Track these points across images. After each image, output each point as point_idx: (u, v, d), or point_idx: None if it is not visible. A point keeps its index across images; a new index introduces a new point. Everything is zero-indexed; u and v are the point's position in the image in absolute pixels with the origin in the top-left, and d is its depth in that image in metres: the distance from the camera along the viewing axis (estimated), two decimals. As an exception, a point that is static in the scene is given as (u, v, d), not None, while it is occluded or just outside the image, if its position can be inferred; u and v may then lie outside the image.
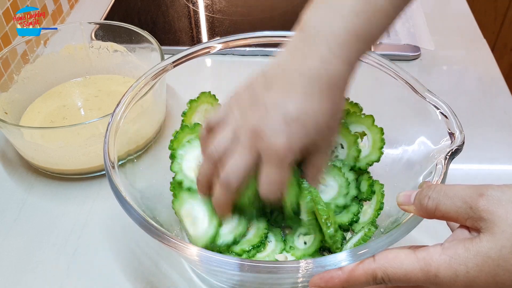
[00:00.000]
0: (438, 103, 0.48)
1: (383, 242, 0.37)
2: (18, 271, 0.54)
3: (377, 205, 0.51)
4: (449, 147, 0.44)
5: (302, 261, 0.36)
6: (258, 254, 0.48)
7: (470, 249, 0.32)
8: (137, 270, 0.54)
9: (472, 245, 0.32)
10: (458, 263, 0.32)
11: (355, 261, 0.36)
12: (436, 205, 0.35)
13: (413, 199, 0.37)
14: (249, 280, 0.45)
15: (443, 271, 0.33)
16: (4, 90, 0.67)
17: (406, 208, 0.38)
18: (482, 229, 0.32)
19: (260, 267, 0.36)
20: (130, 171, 0.50)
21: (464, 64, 0.82)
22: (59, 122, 0.68)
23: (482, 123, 0.70)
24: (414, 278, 0.34)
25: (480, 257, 0.32)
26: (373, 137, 0.53)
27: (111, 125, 0.48)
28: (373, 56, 0.54)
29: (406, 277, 0.34)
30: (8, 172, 0.65)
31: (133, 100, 0.52)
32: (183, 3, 0.97)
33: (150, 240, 0.56)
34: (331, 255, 0.37)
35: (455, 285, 0.33)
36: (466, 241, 0.33)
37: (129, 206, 0.41)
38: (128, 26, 0.72)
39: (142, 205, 0.45)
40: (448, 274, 0.32)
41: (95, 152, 0.61)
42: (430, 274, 0.33)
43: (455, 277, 0.32)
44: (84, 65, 0.76)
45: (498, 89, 0.77)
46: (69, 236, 0.57)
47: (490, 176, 0.63)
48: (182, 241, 0.38)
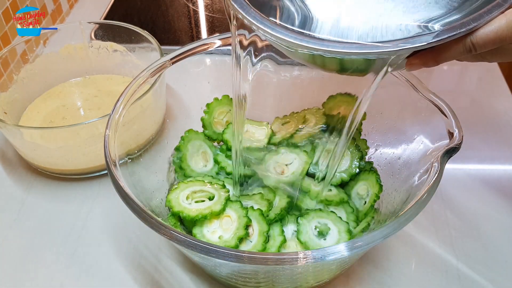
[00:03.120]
0: (438, 102, 0.48)
1: (379, 234, 0.38)
2: (18, 271, 0.54)
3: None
4: (446, 146, 0.44)
5: (300, 252, 0.37)
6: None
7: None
8: (137, 269, 0.53)
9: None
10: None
11: (352, 253, 0.37)
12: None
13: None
14: (249, 271, 0.45)
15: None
16: (4, 90, 0.67)
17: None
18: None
19: (258, 258, 0.37)
20: (131, 170, 0.50)
21: (464, 64, 0.82)
22: (58, 122, 0.68)
23: (482, 123, 0.70)
24: (502, 33, 0.34)
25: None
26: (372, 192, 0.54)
27: (111, 120, 0.48)
28: None
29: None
30: (7, 172, 0.65)
31: (133, 97, 0.52)
32: (183, 3, 0.97)
33: (151, 239, 0.56)
34: (329, 247, 0.38)
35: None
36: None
37: (130, 201, 0.41)
38: (128, 25, 0.72)
39: (144, 203, 0.45)
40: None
41: (95, 152, 0.61)
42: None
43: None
44: (84, 65, 0.76)
45: (498, 89, 0.76)
46: (69, 236, 0.57)
47: (490, 176, 0.63)
48: (183, 234, 0.39)
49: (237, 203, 0.51)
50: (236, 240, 0.48)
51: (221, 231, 0.49)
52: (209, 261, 0.45)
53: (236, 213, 0.50)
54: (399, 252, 0.54)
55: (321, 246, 0.49)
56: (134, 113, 0.52)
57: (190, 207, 0.50)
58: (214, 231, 0.49)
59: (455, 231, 0.56)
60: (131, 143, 0.52)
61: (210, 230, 0.50)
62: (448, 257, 0.54)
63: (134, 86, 0.52)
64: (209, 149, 0.60)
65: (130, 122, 0.51)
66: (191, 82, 0.63)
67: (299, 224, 0.51)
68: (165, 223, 0.40)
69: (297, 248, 0.50)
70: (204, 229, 0.50)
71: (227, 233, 0.49)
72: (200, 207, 0.50)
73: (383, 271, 0.53)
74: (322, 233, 0.50)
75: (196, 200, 0.52)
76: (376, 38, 0.36)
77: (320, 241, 0.50)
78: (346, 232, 0.50)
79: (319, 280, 0.49)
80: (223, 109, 0.60)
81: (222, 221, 0.50)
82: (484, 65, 0.81)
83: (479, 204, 0.59)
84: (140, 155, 0.54)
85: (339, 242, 0.49)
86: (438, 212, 0.58)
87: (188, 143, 0.58)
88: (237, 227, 0.49)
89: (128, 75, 0.76)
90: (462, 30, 0.35)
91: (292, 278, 0.46)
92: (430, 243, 0.55)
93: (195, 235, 0.49)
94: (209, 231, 0.49)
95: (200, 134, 0.60)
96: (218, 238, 0.49)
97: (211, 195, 0.52)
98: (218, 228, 0.50)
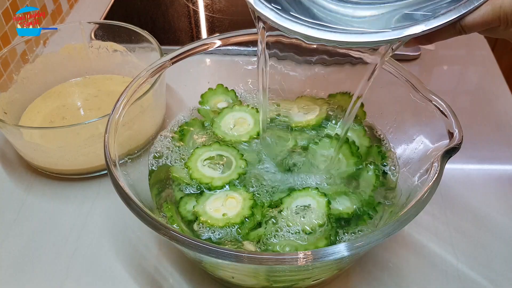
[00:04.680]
0: (438, 101, 0.48)
1: (379, 234, 0.38)
2: (18, 271, 0.54)
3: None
4: (446, 146, 0.44)
5: (300, 253, 0.37)
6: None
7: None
8: (137, 269, 0.53)
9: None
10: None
11: (352, 253, 0.38)
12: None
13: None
14: (247, 270, 0.45)
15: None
16: (4, 90, 0.67)
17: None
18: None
19: (258, 258, 0.38)
20: (131, 170, 0.50)
21: (464, 64, 0.82)
22: (58, 122, 0.68)
23: (482, 123, 0.70)
24: (487, 17, 0.38)
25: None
26: None
27: (111, 120, 0.48)
28: None
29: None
30: (7, 172, 0.65)
31: (133, 97, 0.52)
32: (183, 3, 0.97)
33: (151, 239, 0.56)
34: (330, 247, 0.38)
35: None
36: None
37: (130, 201, 0.42)
38: (128, 25, 0.72)
39: (144, 203, 0.45)
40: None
41: (95, 152, 0.61)
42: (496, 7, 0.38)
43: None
44: (84, 65, 0.76)
45: (498, 89, 0.77)
46: (69, 236, 0.57)
47: (490, 176, 0.63)
48: (183, 234, 0.39)
49: (242, 188, 0.52)
50: (241, 218, 0.49)
51: (225, 209, 0.50)
52: (209, 260, 0.45)
53: (241, 196, 0.51)
54: (399, 251, 0.54)
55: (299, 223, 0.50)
56: (134, 113, 0.52)
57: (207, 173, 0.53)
58: (217, 209, 0.50)
59: (455, 231, 0.56)
60: (131, 143, 0.52)
61: (212, 208, 0.50)
62: (448, 257, 0.54)
63: (134, 86, 0.52)
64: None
65: (130, 122, 0.51)
66: (191, 82, 0.63)
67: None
68: (165, 223, 0.40)
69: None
70: (207, 207, 0.50)
71: (231, 211, 0.50)
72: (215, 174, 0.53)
73: (383, 270, 0.53)
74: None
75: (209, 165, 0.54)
76: (384, 26, 0.40)
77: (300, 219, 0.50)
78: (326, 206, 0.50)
79: (318, 278, 0.49)
80: (218, 98, 0.62)
81: (227, 201, 0.51)
82: (484, 65, 0.82)
83: (479, 204, 0.59)
84: (140, 155, 0.54)
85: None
86: (438, 212, 0.58)
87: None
88: (242, 207, 0.50)
89: (128, 75, 0.76)
90: (454, 17, 0.39)
91: (291, 276, 0.46)
92: (430, 243, 0.55)
93: (197, 213, 0.50)
94: (212, 209, 0.50)
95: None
96: (222, 215, 0.49)
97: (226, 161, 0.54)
98: (222, 207, 0.50)
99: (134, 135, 0.54)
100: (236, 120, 0.60)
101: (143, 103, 0.54)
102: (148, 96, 0.55)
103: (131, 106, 0.51)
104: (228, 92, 0.63)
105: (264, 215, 0.50)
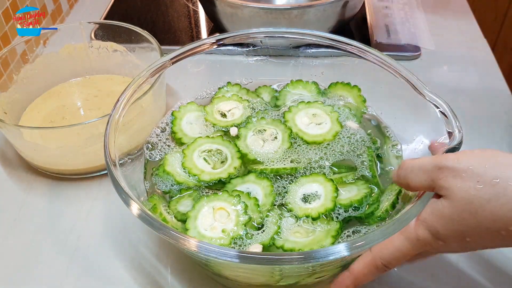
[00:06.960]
0: (437, 101, 0.48)
1: (379, 234, 0.39)
2: (18, 271, 0.54)
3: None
4: (446, 146, 0.44)
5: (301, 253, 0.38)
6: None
7: (435, 214, 0.38)
8: (137, 269, 0.53)
9: (437, 210, 0.38)
10: (428, 225, 0.39)
11: (351, 253, 0.38)
12: (407, 181, 0.41)
13: (394, 178, 0.44)
14: (248, 269, 0.45)
15: (421, 234, 0.39)
16: (4, 90, 0.67)
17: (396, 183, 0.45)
18: (444, 196, 0.38)
19: (258, 258, 0.37)
20: (131, 170, 0.50)
21: (464, 64, 0.82)
22: (58, 122, 0.68)
23: (482, 123, 0.70)
24: (406, 250, 0.40)
25: (444, 220, 0.38)
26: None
27: (111, 120, 0.48)
28: (374, 54, 0.54)
29: (400, 252, 0.40)
30: (7, 172, 0.65)
31: (133, 97, 0.52)
32: (183, 3, 0.97)
33: (150, 239, 0.56)
34: (330, 246, 0.38)
35: (436, 242, 0.39)
36: (433, 206, 0.39)
37: (130, 201, 0.41)
38: (128, 25, 0.72)
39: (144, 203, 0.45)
40: (425, 235, 0.39)
41: (95, 152, 0.61)
42: (414, 240, 0.39)
43: (431, 236, 0.39)
44: (84, 65, 0.76)
45: (498, 89, 0.76)
46: (69, 236, 0.57)
47: (490, 175, 0.63)
48: (183, 234, 0.39)
49: (225, 193, 0.49)
50: (242, 227, 0.46)
51: (220, 224, 0.47)
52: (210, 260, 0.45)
53: (230, 203, 0.48)
54: (399, 252, 0.54)
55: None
56: (134, 113, 0.52)
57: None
58: (213, 227, 0.47)
59: (455, 231, 0.56)
60: (131, 143, 0.52)
61: (208, 227, 0.46)
62: (448, 257, 0.54)
63: (134, 86, 0.52)
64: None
65: (130, 122, 0.51)
66: (191, 82, 0.63)
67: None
68: (165, 223, 0.40)
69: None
70: (201, 229, 0.46)
71: (229, 224, 0.46)
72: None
73: (383, 271, 0.53)
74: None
75: (205, 158, 0.53)
76: None
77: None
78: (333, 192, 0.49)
79: (321, 276, 0.49)
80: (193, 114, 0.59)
81: (216, 214, 0.47)
82: (484, 65, 0.82)
83: (479, 204, 0.59)
84: (140, 155, 0.54)
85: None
86: (438, 212, 0.58)
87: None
88: (237, 215, 0.47)
89: (128, 75, 0.76)
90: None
91: (295, 273, 0.46)
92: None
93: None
94: (208, 229, 0.46)
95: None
96: (222, 232, 0.46)
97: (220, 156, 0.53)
98: (216, 223, 0.47)
99: (134, 135, 0.54)
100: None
101: (143, 103, 0.54)
102: (148, 96, 0.55)
103: (131, 106, 0.51)
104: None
105: (267, 210, 0.48)
